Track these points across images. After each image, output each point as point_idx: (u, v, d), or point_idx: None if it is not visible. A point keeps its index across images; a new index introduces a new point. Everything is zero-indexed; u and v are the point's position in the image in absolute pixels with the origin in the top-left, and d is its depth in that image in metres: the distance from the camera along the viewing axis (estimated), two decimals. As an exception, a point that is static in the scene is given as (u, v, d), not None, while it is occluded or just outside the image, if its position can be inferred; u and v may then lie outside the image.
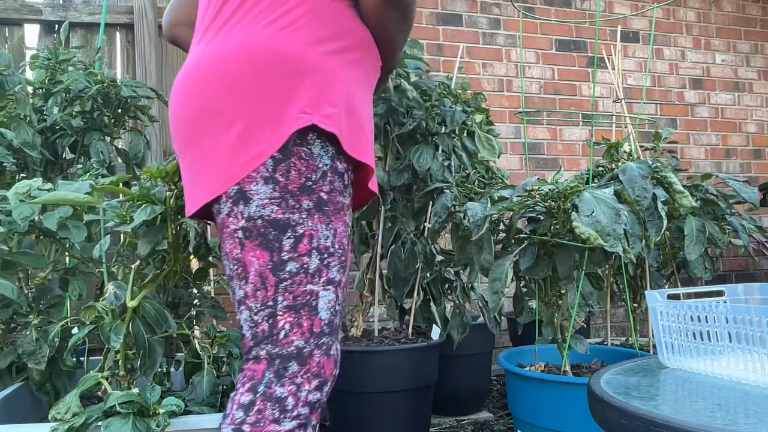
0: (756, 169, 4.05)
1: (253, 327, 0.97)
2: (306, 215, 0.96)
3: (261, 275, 0.95)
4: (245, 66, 0.97)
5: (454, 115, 1.96)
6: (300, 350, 0.96)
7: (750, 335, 0.90)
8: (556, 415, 1.59)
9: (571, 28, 3.66)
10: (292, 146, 0.96)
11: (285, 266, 0.95)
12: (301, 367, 0.96)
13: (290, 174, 0.96)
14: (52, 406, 1.18)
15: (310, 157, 0.97)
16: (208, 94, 0.98)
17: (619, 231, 1.48)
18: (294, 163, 0.96)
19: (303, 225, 0.96)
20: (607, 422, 0.86)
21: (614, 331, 3.54)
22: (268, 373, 0.94)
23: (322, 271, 0.97)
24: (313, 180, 0.97)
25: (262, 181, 0.95)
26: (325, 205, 0.98)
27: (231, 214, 0.96)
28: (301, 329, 0.96)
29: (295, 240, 0.96)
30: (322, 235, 0.98)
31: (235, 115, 0.96)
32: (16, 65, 1.81)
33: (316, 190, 0.97)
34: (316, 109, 0.97)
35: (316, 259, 0.97)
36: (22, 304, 1.40)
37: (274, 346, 0.95)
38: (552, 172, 3.43)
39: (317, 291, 0.97)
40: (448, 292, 2.23)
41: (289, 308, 0.95)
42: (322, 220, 0.98)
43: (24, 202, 1.26)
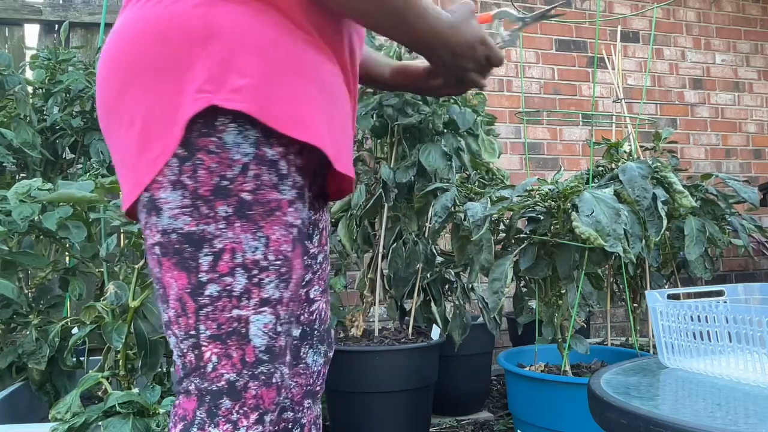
0: (756, 169, 4.05)
1: (180, 356, 0.83)
2: (224, 225, 0.79)
3: (180, 300, 0.81)
4: (133, 49, 0.80)
5: (465, 116, 1.99)
6: (232, 384, 0.82)
7: (750, 335, 0.90)
8: (556, 415, 1.59)
9: (571, 28, 3.66)
10: (196, 138, 0.78)
11: (204, 289, 0.80)
12: (234, 402, 0.82)
13: (198, 174, 0.78)
14: (52, 406, 1.18)
15: (221, 149, 0.79)
16: (105, 87, 0.84)
17: (619, 231, 1.48)
18: (201, 159, 0.78)
19: (221, 237, 0.79)
20: (607, 422, 0.86)
21: (614, 331, 3.54)
22: (200, 413, 0.81)
23: (251, 291, 0.81)
24: (229, 178, 0.79)
25: (170, 187, 0.79)
26: (248, 209, 0.80)
27: (146, 227, 0.82)
28: (231, 360, 0.81)
29: (214, 257, 0.79)
30: (247, 248, 0.80)
31: (132, 110, 0.80)
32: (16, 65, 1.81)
33: (235, 191, 0.79)
34: (220, 84, 0.78)
35: (242, 278, 0.81)
36: (22, 304, 1.40)
37: (203, 380, 0.82)
38: (552, 172, 3.43)
39: (246, 316, 0.81)
40: (448, 293, 2.24)
41: (213, 338, 0.81)
42: (246, 228, 0.80)
43: (24, 202, 1.26)
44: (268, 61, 0.80)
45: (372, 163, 2.21)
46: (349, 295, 2.89)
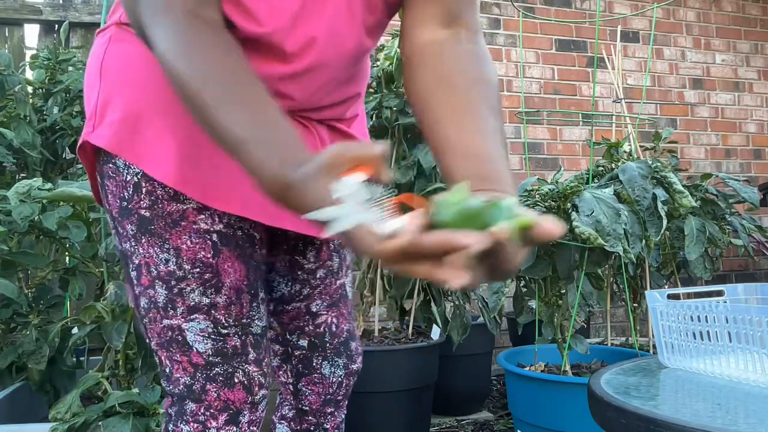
0: (756, 169, 4.05)
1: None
2: (134, 242, 0.81)
3: (134, 309, 0.88)
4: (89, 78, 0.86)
5: None
6: (189, 387, 0.83)
7: (750, 335, 0.90)
8: (556, 415, 1.59)
9: (571, 28, 3.66)
10: (102, 166, 0.83)
11: (140, 302, 0.84)
12: (198, 405, 0.84)
13: (108, 198, 0.83)
14: (52, 406, 1.18)
15: (116, 173, 0.81)
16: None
17: (619, 231, 1.48)
18: (107, 185, 0.83)
19: (136, 254, 0.82)
20: (607, 422, 0.86)
21: (614, 331, 3.54)
22: (172, 410, 0.86)
23: (175, 301, 0.81)
24: (127, 198, 0.81)
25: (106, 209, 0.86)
26: (150, 224, 0.80)
27: None
28: (181, 365, 0.83)
29: (137, 272, 0.82)
30: (159, 261, 0.80)
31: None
32: (16, 65, 1.81)
33: (134, 209, 0.80)
34: (101, 119, 0.81)
35: (162, 290, 0.81)
36: (22, 304, 1.40)
37: (168, 383, 0.85)
38: (552, 172, 3.43)
39: (177, 324, 0.82)
40: (448, 293, 2.23)
41: (159, 346, 0.84)
42: (152, 242, 0.80)
43: (24, 201, 1.26)
44: (140, 96, 0.80)
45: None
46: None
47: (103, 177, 0.83)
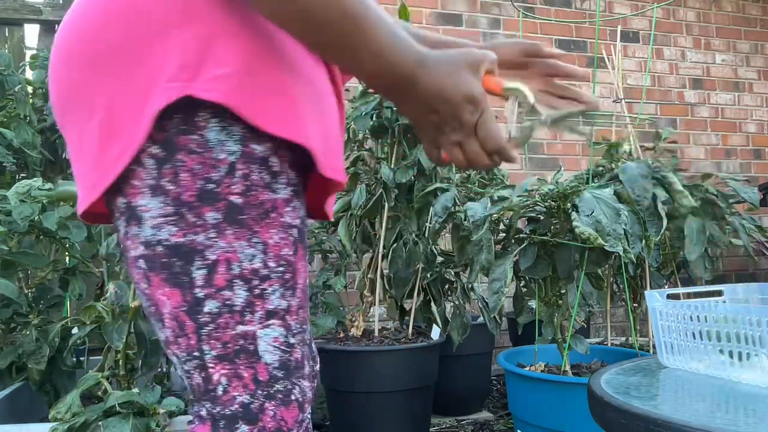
0: (756, 169, 4.05)
1: (187, 378, 0.75)
2: (215, 233, 0.70)
3: (177, 319, 0.72)
4: (107, 23, 0.69)
5: None
6: (246, 407, 0.73)
7: (750, 335, 0.90)
8: (556, 415, 1.59)
9: (571, 28, 3.66)
10: (175, 136, 0.68)
11: (202, 306, 0.71)
12: (251, 426, 0.73)
13: (180, 177, 0.68)
14: (52, 406, 1.18)
15: (204, 148, 0.69)
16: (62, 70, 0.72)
17: (619, 231, 1.48)
18: (182, 160, 0.68)
19: (213, 248, 0.70)
20: (607, 422, 0.86)
21: (614, 331, 3.54)
22: None
23: (254, 304, 0.72)
24: (215, 180, 0.69)
25: (149, 192, 0.69)
26: (240, 213, 0.70)
27: (127, 237, 0.72)
28: (242, 381, 0.73)
29: (208, 270, 0.70)
30: (244, 257, 0.71)
31: (94, 96, 0.69)
32: (16, 65, 1.82)
33: (223, 194, 0.70)
34: (195, 72, 0.67)
35: (242, 290, 0.72)
36: (22, 304, 1.40)
37: (214, 405, 0.74)
38: (552, 172, 3.43)
39: (253, 331, 0.73)
40: (448, 293, 2.24)
41: (220, 358, 0.72)
42: (239, 235, 0.70)
43: (24, 201, 1.26)
44: (250, 49, 0.70)
45: (372, 163, 2.21)
46: (349, 295, 2.89)
47: (175, 150, 0.68)
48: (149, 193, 0.68)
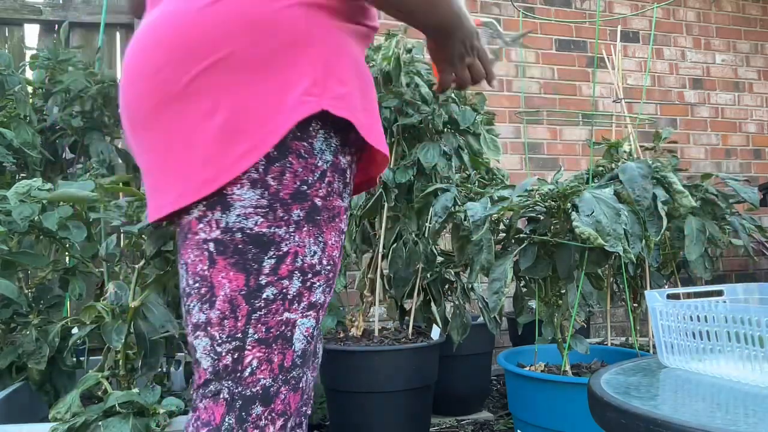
0: (756, 169, 4.05)
1: (214, 359, 0.80)
2: (294, 228, 0.78)
3: (231, 302, 0.78)
4: (227, 34, 0.75)
5: (465, 114, 2.00)
6: (266, 389, 0.80)
7: (749, 335, 0.90)
8: (556, 415, 1.59)
9: (571, 28, 3.66)
10: (290, 140, 0.76)
11: (262, 292, 0.78)
12: (265, 408, 0.80)
13: (284, 177, 0.77)
14: (52, 406, 1.18)
15: (309, 155, 0.78)
16: (165, 70, 0.76)
17: (619, 231, 1.48)
18: (290, 162, 0.77)
19: (289, 241, 0.78)
20: (607, 422, 0.86)
21: (614, 331, 3.54)
22: (228, 419, 0.78)
23: (303, 295, 0.81)
24: (309, 183, 0.79)
25: (249, 185, 0.76)
26: (317, 214, 0.80)
27: (202, 220, 0.77)
28: (271, 366, 0.80)
29: (278, 260, 0.78)
30: (308, 252, 0.80)
31: (215, 97, 0.74)
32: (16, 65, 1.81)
33: (311, 196, 0.79)
34: (324, 89, 0.77)
35: (298, 281, 0.80)
36: (22, 304, 1.40)
37: (237, 385, 0.79)
38: (552, 172, 3.43)
39: (294, 319, 0.80)
40: (448, 293, 2.23)
41: (259, 342, 0.79)
42: (311, 233, 0.80)
43: (24, 202, 1.26)
44: (357, 70, 0.83)
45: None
46: (349, 295, 2.89)
47: (288, 152, 0.76)
48: (248, 185, 0.75)
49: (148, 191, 0.83)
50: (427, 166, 1.93)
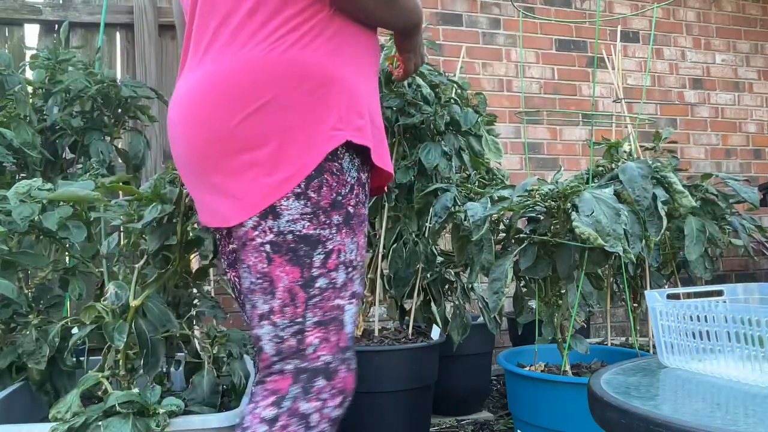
0: (756, 169, 4.05)
1: (278, 343, 0.95)
2: (335, 230, 0.97)
3: (290, 291, 0.94)
4: (269, 84, 0.93)
5: (467, 116, 2.00)
6: (327, 365, 0.95)
7: (749, 335, 0.90)
8: (556, 415, 1.59)
9: (571, 28, 3.66)
10: (325, 162, 0.95)
11: (315, 282, 0.95)
12: (327, 382, 0.95)
13: (322, 190, 0.95)
14: (53, 406, 1.18)
15: (340, 173, 0.97)
16: (229, 111, 0.93)
17: (619, 231, 1.48)
18: (326, 179, 0.96)
19: (332, 240, 0.96)
20: (607, 422, 0.86)
21: (614, 331, 3.54)
22: (294, 388, 0.93)
23: (347, 285, 0.98)
24: (343, 195, 0.98)
25: (293, 197, 0.94)
26: (351, 219, 0.99)
27: (258, 228, 0.94)
28: (329, 344, 0.96)
29: (325, 256, 0.96)
30: (348, 249, 0.98)
31: (265, 133, 0.93)
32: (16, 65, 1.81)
33: (345, 205, 0.98)
34: (347, 124, 0.97)
35: (343, 273, 0.98)
36: (22, 304, 1.40)
37: (302, 361, 0.94)
38: (552, 172, 3.43)
39: (344, 305, 0.98)
40: (448, 293, 2.23)
41: (318, 324, 0.95)
42: (348, 234, 0.98)
43: (24, 202, 1.26)
44: (368, 107, 1.02)
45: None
46: (349, 295, 2.89)
47: (324, 171, 0.95)
48: (293, 197, 0.94)
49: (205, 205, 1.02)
50: (429, 166, 1.93)
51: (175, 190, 1.30)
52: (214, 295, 2.36)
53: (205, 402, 1.33)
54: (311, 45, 0.96)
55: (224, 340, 1.44)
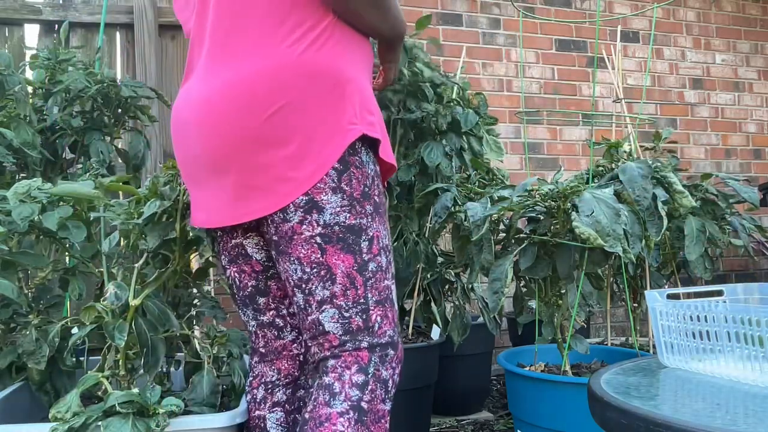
0: (756, 169, 4.05)
1: (345, 323, 1.04)
2: (370, 219, 1.06)
3: (349, 276, 1.04)
4: (291, 84, 1.00)
5: (468, 117, 2.00)
6: (392, 338, 1.08)
7: (749, 335, 0.90)
8: (556, 415, 1.59)
9: (571, 28, 3.66)
10: (348, 156, 1.03)
11: (368, 266, 1.05)
12: (395, 353, 1.08)
13: (352, 182, 1.04)
14: (53, 406, 1.18)
15: (362, 165, 1.06)
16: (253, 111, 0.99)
17: (619, 231, 1.48)
18: (353, 172, 1.04)
19: (371, 228, 1.06)
20: (607, 422, 0.86)
21: (614, 331, 3.54)
22: (374, 358, 1.05)
23: (388, 267, 1.09)
24: (368, 185, 1.06)
25: (331, 191, 1.02)
26: (379, 208, 1.08)
27: (304, 222, 1.02)
28: (388, 320, 1.08)
29: (369, 242, 1.05)
30: (382, 235, 1.08)
31: (289, 131, 1.00)
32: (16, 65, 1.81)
33: (372, 195, 1.07)
34: (361, 119, 1.05)
35: (384, 257, 1.08)
36: (22, 304, 1.40)
37: (373, 337, 1.05)
38: (552, 172, 3.43)
39: (390, 285, 1.09)
40: (448, 293, 2.23)
41: (377, 303, 1.06)
42: (380, 221, 1.08)
43: (24, 202, 1.26)
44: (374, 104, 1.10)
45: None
46: (349, 295, 2.89)
47: (348, 165, 1.04)
48: (330, 192, 1.02)
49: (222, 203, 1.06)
50: (431, 165, 1.93)
51: (174, 188, 1.30)
52: (214, 295, 2.36)
53: (205, 402, 1.33)
54: (324, 47, 1.03)
55: (224, 340, 1.43)
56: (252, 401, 1.23)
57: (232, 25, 1.04)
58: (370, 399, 1.03)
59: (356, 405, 1.01)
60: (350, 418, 1.00)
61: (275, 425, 1.20)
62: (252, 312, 1.23)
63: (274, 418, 1.20)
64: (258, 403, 1.22)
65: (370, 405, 1.02)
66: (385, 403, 1.05)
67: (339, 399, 1.01)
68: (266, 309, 1.21)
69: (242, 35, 1.03)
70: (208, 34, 1.08)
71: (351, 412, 1.00)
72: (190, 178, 1.14)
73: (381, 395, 1.04)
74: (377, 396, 1.04)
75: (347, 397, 1.01)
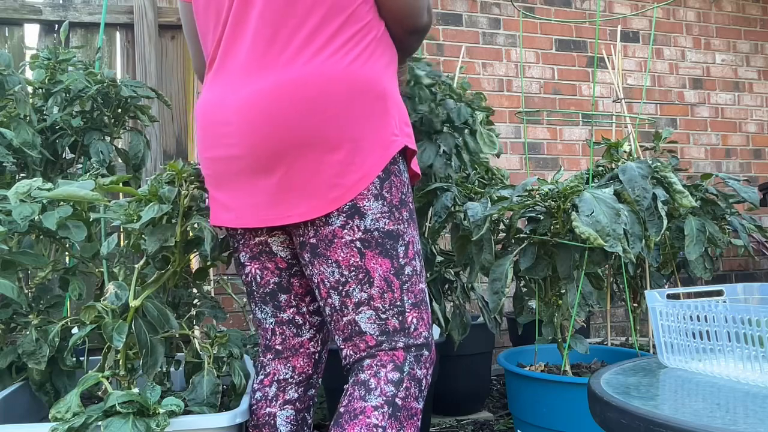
0: (756, 169, 4.05)
1: (381, 324, 1.08)
2: (406, 225, 1.11)
3: (386, 280, 1.07)
4: (342, 94, 1.04)
5: (460, 110, 1.98)
6: (426, 340, 1.12)
7: (749, 335, 0.90)
8: (556, 414, 1.59)
9: (571, 28, 3.66)
10: (389, 165, 1.09)
11: (404, 270, 1.09)
12: (428, 354, 1.12)
13: (392, 190, 1.09)
14: (53, 406, 1.18)
15: (400, 174, 1.12)
16: (313, 114, 1.03)
17: (619, 231, 1.48)
18: (393, 180, 1.09)
19: (407, 233, 1.11)
20: (607, 422, 0.86)
21: (614, 331, 3.54)
22: (410, 357, 1.08)
23: (421, 271, 1.13)
24: (404, 193, 1.12)
25: (373, 198, 1.06)
26: (413, 214, 1.14)
27: (346, 227, 1.06)
28: (424, 322, 1.11)
29: (405, 247, 1.10)
30: (416, 240, 1.13)
31: (338, 139, 1.04)
32: (16, 65, 1.81)
33: (407, 202, 1.12)
34: (402, 131, 1.11)
35: (418, 261, 1.12)
36: (22, 304, 1.40)
37: (409, 338, 1.09)
38: (552, 172, 3.43)
39: (424, 288, 1.13)
40: (448, 293, 2.23)
41: (413, 306, 1.10)
42: (414, 227, 1.13)
43: (24, 202, 1.26)
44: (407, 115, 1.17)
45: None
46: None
47: (390, 173, 1.09)
48: (373, 198, 1.07)
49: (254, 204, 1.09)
50: (422, 165, 1.92)
51: (174, 189, 1.30)
52: (214, 295, 2.36)
53: (205, 402, 1.33)
54: (370, 60, 1.09)
55: (224, 340, 1.43)
56: (263, 398, 1.24)
57: (282, 26, 1.06)
58: (404, 396, 1.06)
59: (391, 400, 1.05)
60: (384, 412, 1.03)
61: (285, 422, 1.21)
62: (271, 309, 1.24)
63: (284, 415, 1.22)
64: (269, 400, 1.23)
65: (404, 402, 1.05)
66: (418, 401, 1.08)
67: (374, 394, 1.05)
68: (287, 306, 1.23)
69: (291, 39, 1.06)
70: (250, 34, 1.08)
71: (385, 406, 1.04)
72: (218, 178, 1.14)
73: (415, 393, 1.08)
74: (411, 393, 1.07)
75: (382, 392, 1.05)
